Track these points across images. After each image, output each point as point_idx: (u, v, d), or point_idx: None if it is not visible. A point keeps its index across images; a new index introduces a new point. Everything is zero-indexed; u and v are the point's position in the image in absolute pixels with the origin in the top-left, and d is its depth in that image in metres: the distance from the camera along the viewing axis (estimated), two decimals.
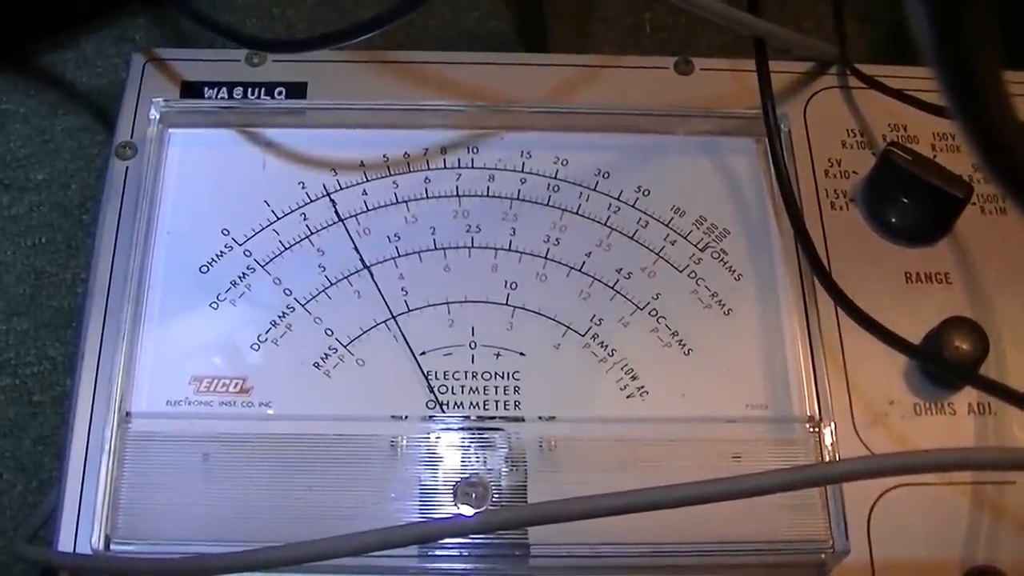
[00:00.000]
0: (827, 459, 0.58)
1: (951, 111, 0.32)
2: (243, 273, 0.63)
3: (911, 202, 0.63)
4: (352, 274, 0.63)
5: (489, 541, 0.56)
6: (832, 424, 0.59)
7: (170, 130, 0.66)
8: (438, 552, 0.56)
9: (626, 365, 0.61)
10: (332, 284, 0.63)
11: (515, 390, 0.61)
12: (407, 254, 0.64)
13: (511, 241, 0.64)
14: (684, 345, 0.62)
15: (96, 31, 0.85)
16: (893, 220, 0.64)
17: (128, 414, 0.58)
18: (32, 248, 0.78)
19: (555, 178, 0.66)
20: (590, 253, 0.64)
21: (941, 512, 0.58)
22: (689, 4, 0.62)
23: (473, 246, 0.64)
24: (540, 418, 0.60)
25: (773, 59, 0.65)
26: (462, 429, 0.59)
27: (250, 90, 0.68)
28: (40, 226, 0.79)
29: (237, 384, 0.60)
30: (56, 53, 0.84)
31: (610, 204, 0.65)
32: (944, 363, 0.59)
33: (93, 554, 0.55)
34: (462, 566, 0.56)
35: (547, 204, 0.65)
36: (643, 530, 0.55)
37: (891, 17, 0.87)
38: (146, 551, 0.56)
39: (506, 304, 0.63)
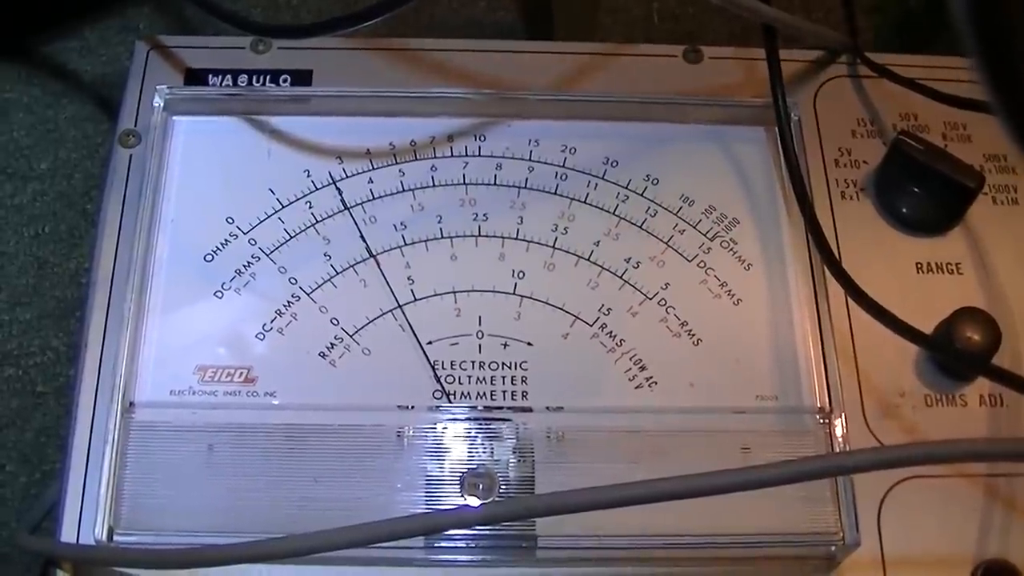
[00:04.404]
0: (837, 451, 0.58)
1: (987, 95, 0.32)
2: (248, 262, 0.63)
3: (922, 192, 0.63)
4: (358, 263, 0.63)
5: (496, 532, 0.56)
6: (842, 415, 0.59)
7: (174, 118, 0.66)
8: (445, 543, 0.56)
9: (634, 355, 0.61)
10: (338, 273, 0.63)
11: (523, 380, 0.61)
12: (413, 243, 0.64)
13: (518, 230, 0.64)
14: (693, 335, 0.62)
15: (100, 19, 0.86)
16: (904, 210, 0.64)
17: (132, 404, 0.58)
18: (35, 238, 0.79)
19: (563, 166, 0.66)
20: (598, 242, 0.64)
21: (952, 505, 0.58)
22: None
23: (480, 235, 0.64)
24: (548, 408, 0.60)
25: (783, 48, 0.64)
26: (469, 419, 0.59)
27: (255, 77, 0.68)
28: (43, 215, 0.79)
29: (242, 373, 0.60)
30: (60, 42, 0.85)
31: (618, 193, 0.65)
32: (956, 353, 0.59)
33: (96, 545, 0.55)
34: (469, 557, 0.57)
35: (555, 193, 0.65)
36: (651, 522, 0.56)
37: (899, 7, 0.87)
38: (149, 542, 0.56)
39: (513, 294, 0.63)
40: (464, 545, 0.56)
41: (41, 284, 0.77)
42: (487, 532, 0.56)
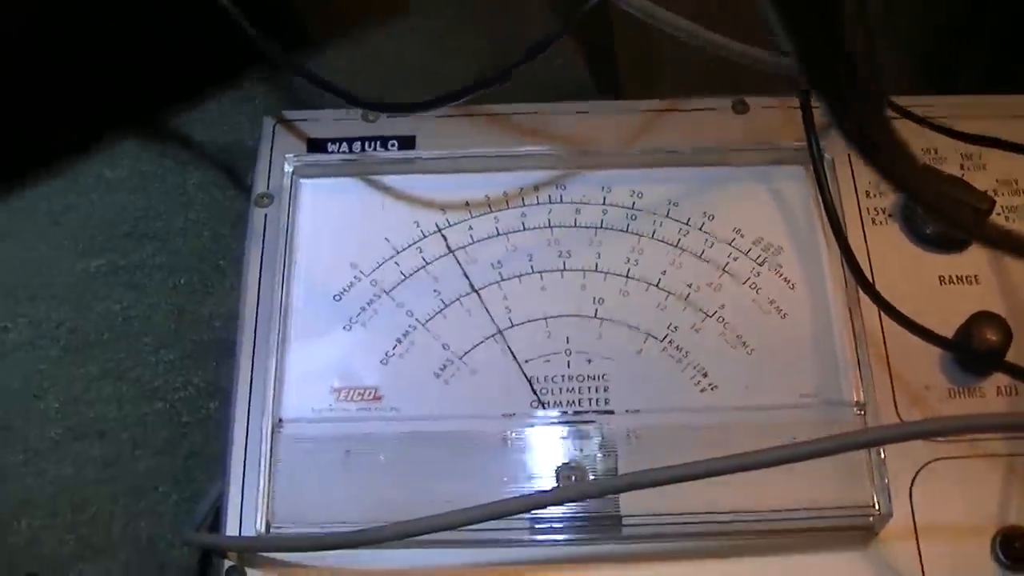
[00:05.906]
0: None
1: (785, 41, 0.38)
2: (371, 300, 0.67)
3: None
4: (463, 296, 0.67)
5: (586, 514, 0.60)
6: (876, 408, 0.63)
7: (301, 180, 0.71)
8: (542, 524, 0.60)
9: (698, 364, 0.65)
10: (446, 306, 0.67)
11: (605, 389, 0.65)
12: (509, 278, 0.67)
13: (597, 264, 0.68)
14: (747, 345, 0.66)
15: (220, 95, 0.90)
16: (927, 231, 0.68)
17: (280, 420, 0.63)
18: (173, 289, 0.83)
19: (632, 208, 0.70)
20: (665, 271, 0.68)
21: (976, 481, 0.61)
22: (742, 57, 0.67)
23: (565, 269, 0.68)
24: (627, 411, 0.64)
25: None
26: (561, 423, 0.63)
27: (367, 143, 0.72)
28: (180, 269, 0.83)
29: (371, 393, 0.65)
30: (185, 115, 0.89)
31: (680, 228, 0.69)
32: (974, 353, 0.63)
33: (256, 536, 0.61)
34: (565, 536, 0.61)
35: (626, 231, 0.69)
36: (716, 501, 0.60)
37: (922, 47, 0.90)
38: (300, 531, 0.60)
39: (595, 317, 0.66)
40: (561, 525, 0.60)
41: (181, 328, 0.81)
42: (579, 514, 0.60)
